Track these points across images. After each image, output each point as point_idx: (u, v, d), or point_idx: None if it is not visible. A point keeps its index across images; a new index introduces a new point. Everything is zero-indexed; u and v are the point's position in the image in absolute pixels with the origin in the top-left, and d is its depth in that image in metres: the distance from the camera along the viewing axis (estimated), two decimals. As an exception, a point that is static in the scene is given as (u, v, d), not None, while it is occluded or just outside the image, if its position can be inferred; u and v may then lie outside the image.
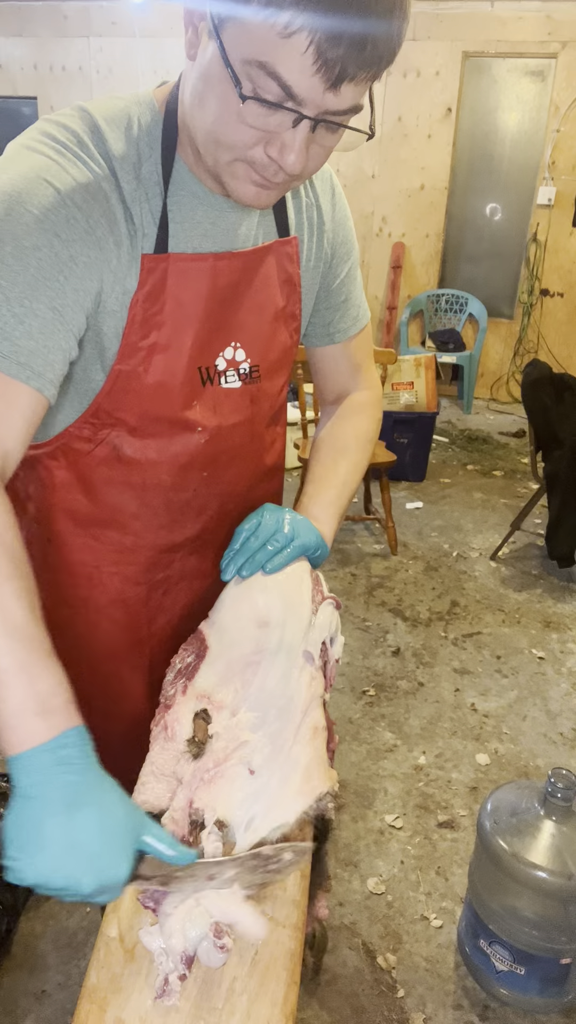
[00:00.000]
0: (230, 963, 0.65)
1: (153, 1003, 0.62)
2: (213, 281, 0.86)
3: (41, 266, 0.73)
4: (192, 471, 0.96)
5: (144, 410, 0.88)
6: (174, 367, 0.87)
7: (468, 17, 5.15)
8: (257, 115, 0.70)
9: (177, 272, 0.83)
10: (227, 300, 0.89)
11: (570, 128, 5.16)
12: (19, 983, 1.53)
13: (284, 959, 0.66)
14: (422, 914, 1.73)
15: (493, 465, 4.63)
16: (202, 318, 0.87)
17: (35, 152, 0.76)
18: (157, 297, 0.83)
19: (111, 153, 0.79)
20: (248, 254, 0.89)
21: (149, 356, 0.85)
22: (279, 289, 0.95)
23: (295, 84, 0.66)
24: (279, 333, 0.97)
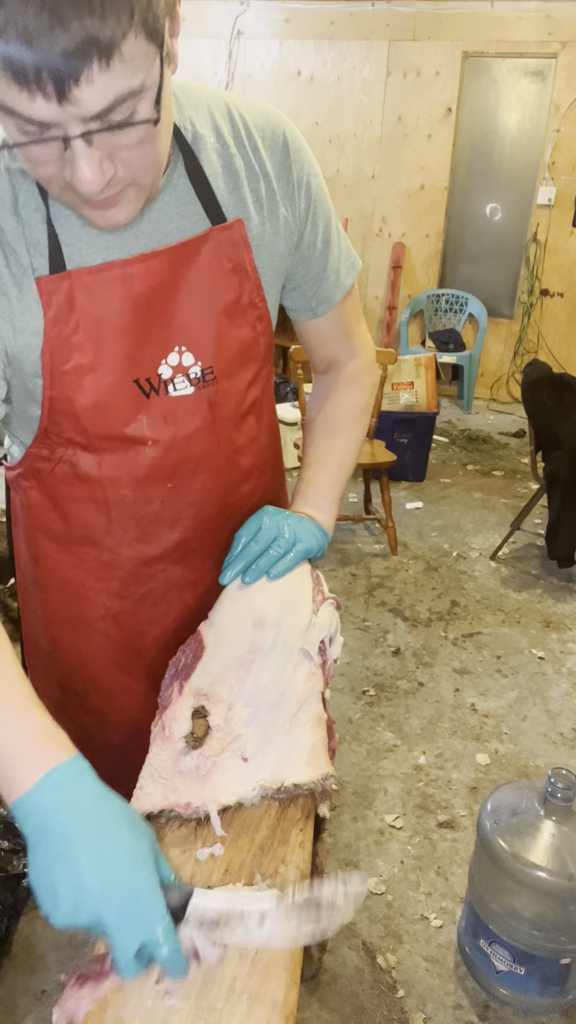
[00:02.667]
0: (230, 963, 0.65)
1: (153, 1003, 0.62)
2: (127, 289, 0.80)
3: None
4: (153, 484, 0.92)
5: (86, 430, 0.85)
6: (105, 385, 0.83)
7: (468, 17, 5.15)
8: (34, 151, 0.64)
9: (82, 287, 0.78)
10: (155, 304, 0.82)
11: (570, 128, 5.16)
12: (19, 983, 1.53)
13: (284, 959, 0.66)
14: (422, 914, 1.73)
15: (493, 465, 4.63)
16: (126, 329, 0.81)
17: None
18: (68, 318, 0.79)
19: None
20: (170, 251, 0.81)
21: (77, 379, 0.82)
22: (226, 280, 0.86)
23: (30, 112, 0.59)
24: (234, 328, 0.89)
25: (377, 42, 5.38)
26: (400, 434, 4.13)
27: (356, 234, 5.81)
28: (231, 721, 0.82)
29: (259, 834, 0.75)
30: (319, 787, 0.78)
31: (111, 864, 0.59)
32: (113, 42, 0.56)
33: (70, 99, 0.58)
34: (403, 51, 5.35)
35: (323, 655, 0.91)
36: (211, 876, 0.71)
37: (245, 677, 0.86)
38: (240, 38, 5.69)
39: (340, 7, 5.37)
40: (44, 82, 0.57)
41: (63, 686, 1.08)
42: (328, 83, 5.60)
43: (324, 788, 0.78)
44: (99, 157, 0.64)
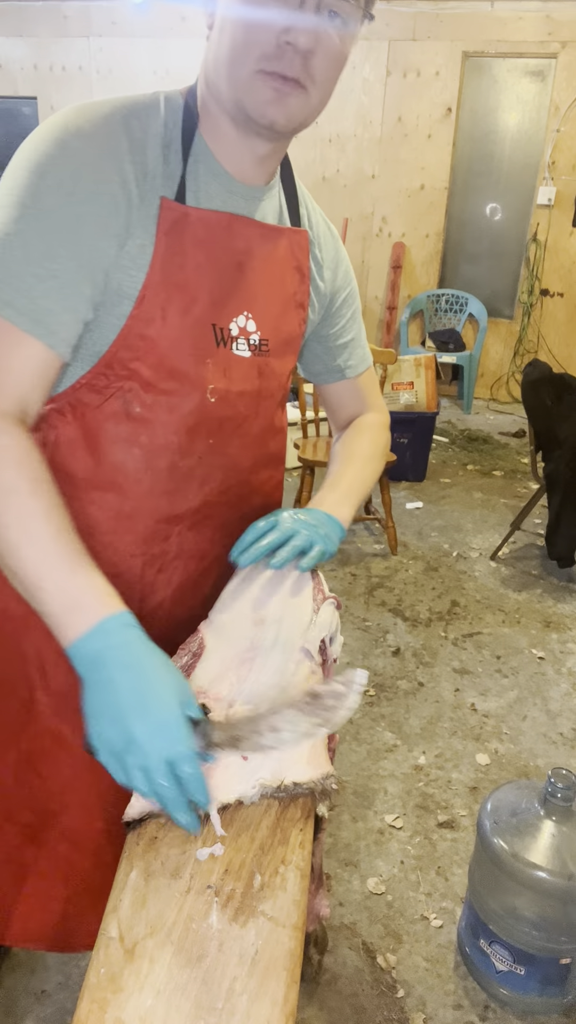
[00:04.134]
0: (230, 963, 0.65)
1: (153, 1002, 0.62)
2: (230, 239, 0.90)
3: (59, 227, 0.78)
4: (199, 435, 0.94)
5: (159, 360, 0.88)
6: (191, 318, 0.88)
7: (468, 17, 5.15)
8: (266, 3, 0.78)
9: (198, 222, 0.87)
10: (243, 265, 0.91)
11: (570, 128, 5.16)
12: (19, 983, 1.53)
13: (284, 959, 0.66)
14: (422, 914, 1.73)
15: (493, 465, 4.63)
16: (219, 275, 0.89)
17: (64, 124, 0.81)
18: (178, 247, 0.86)
19: (143, 127, 0.84)
20: (264, 226, 0.93)
21: (168, 304, 0.86)
22: (291, 274, 0.98)
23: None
24: (288, 315, 0.99)
25: (377, 42, 5.38)
26: (400, 434, 4.13)
27: (356, 234, 5.81)
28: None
29: (259, 834, 0.75)
30: (319, 786, 0.78)
31: (145, 692, 0.70)
32: None
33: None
34: (403, 51, 5.35)
35: (324, 654, 0.91)
36: (211, 876, 0.71)
37: (246, 675, 0.86)
38: (240, 38, 5.69)
39: (340, 7, 5.37)
40: None
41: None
42: (328, 83, 5.60)
43: (324, 787, 0.78)
44: (314, 37, 0.79)
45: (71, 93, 6.22)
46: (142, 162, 0.83)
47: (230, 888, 0.70)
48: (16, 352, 0.78)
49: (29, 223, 0.77)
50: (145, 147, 0.84)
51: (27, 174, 0.78)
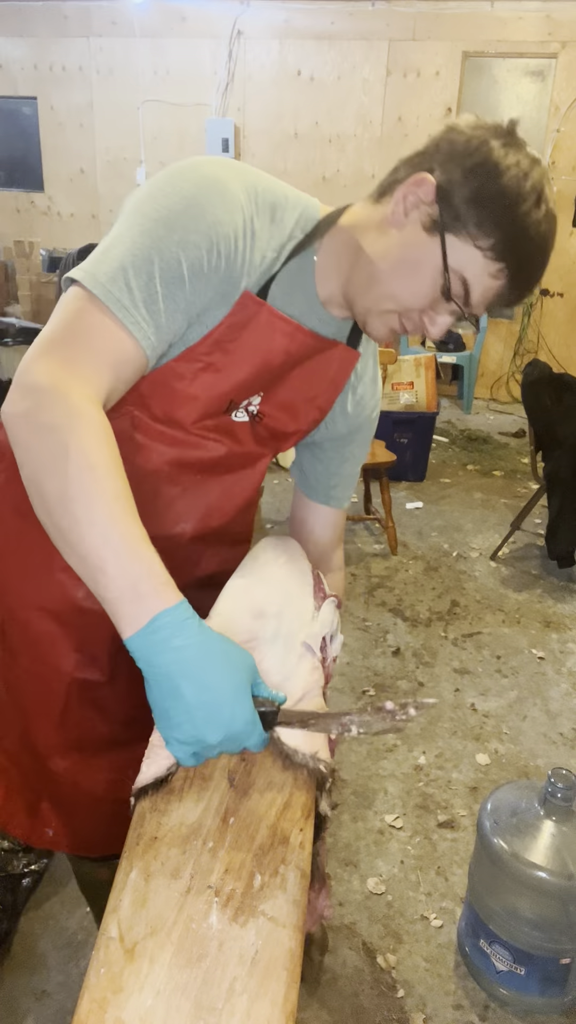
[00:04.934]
0: (230, 963, 0.65)
1: (153, 1002, 0.62)
2: (287, 345, 0.95)
3: (189, 260, 0.82)
4: (187, 471, 0.99)
5: (170, 409, 0.93)
6: (215, 390, 0.93)
7: (468, 17, 5.15)
8: (438, 299, 0.87)
9: (265, 318, 0.91)
10: (286, 364, 0.97)
11: (570, 128, 5.16)
12: (19, 983, 1.53)
13: (284, 959, 0.66)
14: (422, 914, 1.73)
15: (493, 465, 4.63)
16: (260, 366, 0.94)
17: (232, 179, 0.86)
18: (238, 331, 0.91)
19: (279, 227, 0.90)
20: (321, 340, 0.98)
21: (202, 370, 0.91)
22: (324, 380, 1.03)
23: (475, 299, 0.85)
24: (301, 409, 1.04)
25: (377, 42, 5.38)
26: (400, 434, 4.13)
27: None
28: None
29: (259, 834, 0.75)
30: (319, 765, 0.78)
31: (213, 701, 0.70)
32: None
33: (496, 312, 0.85)
34: (403, 51, 5.35)
35: (324, 652, 0.91)
36: (211, 876, 0.71)
37: None
38: (240, 38, 5.69)
39: (340, 7, 5.37)
40: (508, 302, 0.87)
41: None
42: (328, 83, 5.59)
43: (322, 770, 0.79)
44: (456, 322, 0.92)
45: (71, 93, 6.22)
46: (259, 249, 0.88)
47: (230, 888, 0.70)
48: (122, 348, 0.81)
49: (167, 243, 0.81)
50: (270, 237, 0.89)
51: (179, 197, 0.82)
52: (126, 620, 0.70)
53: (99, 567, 0.70)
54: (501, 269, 0.83)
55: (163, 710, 0.71)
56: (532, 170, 0.83)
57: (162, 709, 0.71)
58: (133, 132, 6.18)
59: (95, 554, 0.70)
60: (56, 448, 0.72)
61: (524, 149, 0.84)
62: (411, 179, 0.85)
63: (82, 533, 0.71)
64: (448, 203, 0.83)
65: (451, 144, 0.84)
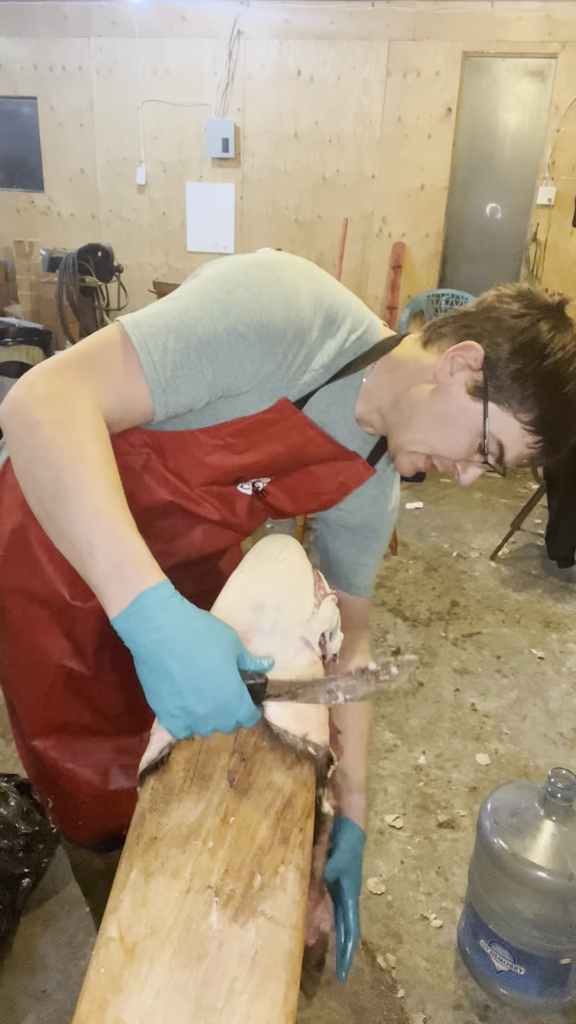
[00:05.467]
0: (230, 963, 0.65)
1: (153, 1002, 0.62)
2: (309, 448, 1.01)
3: (231, 347, 0.86)
4: (177, 511, 1.06)
5: (181, 467, 1.01)
6: (226, 467, 1.00)
7: (468, 17, 5.15)
8: (468, 456, 0.94)
9: (296, 422, 0.97)
10: (302, 461, 1.04)
11: (570, 128, 5.16)
12: (19, 983, 1.53)
13: (284, 959, 0.66)
14: (422, 914, 1.73)
15: (493, 465, 4.63)
16: (276, 458, 1.00)
17: (303, 290, 0.90)
18: (267, 426, 0.96)
19: (334, 338, 0.94)
20: (340, 449, 1.04)
21: (220, 448, 0.97)
22: (333, 484, 1.09)
23: (509, 459, 0.91)
24: (306, 497, 1.10)
25: (377, 42, 5.38)
26: (400, 434, 4.13)
27: (356, 234, 5.81)
28: None
29: (259, 834, 0.75)
30: (308, 747, 0.78)
31: (199, 677, 0.71)
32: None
33: (530, 460, 0.95)
34: (403, 51, 5.35)
35: (323, 648, 0.91)
36: (211, 876, 0.71)
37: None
38: (240, 38, 5.69)
39: (340, 7, 5.37)
40: (538, 463, 0.96)
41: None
42: (328, 83, 5.59)
43: (312, 752, 0.79)
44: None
45: (71, 93, 6.22)
46: (305, 358, 0.92)
47: (230, 888, 0.70)
48: (133, 390, 0.85)
49: (224, 332, 0.85)
50: (321, 352, 0.93)
51: (248, 302, 0.86)
52: (112, 601, 0.72)
53: (87, 551, 0.73)
54: (539, 441, 0.90)
55: (151, 686, 0.73)
56: (573, 345, 0.89)
57: (150, 685, 0.73)
58: (133, 132, 6.18)
59: (83, 539, 0.73)
60: (50, 440, 0.75)
61: (572, 330, 0.89)
62: (460, 344, 0.91)
63: (72, 519, 0.74)
64: (493, 374, 0.89)
65: (500, 317, 0.90)
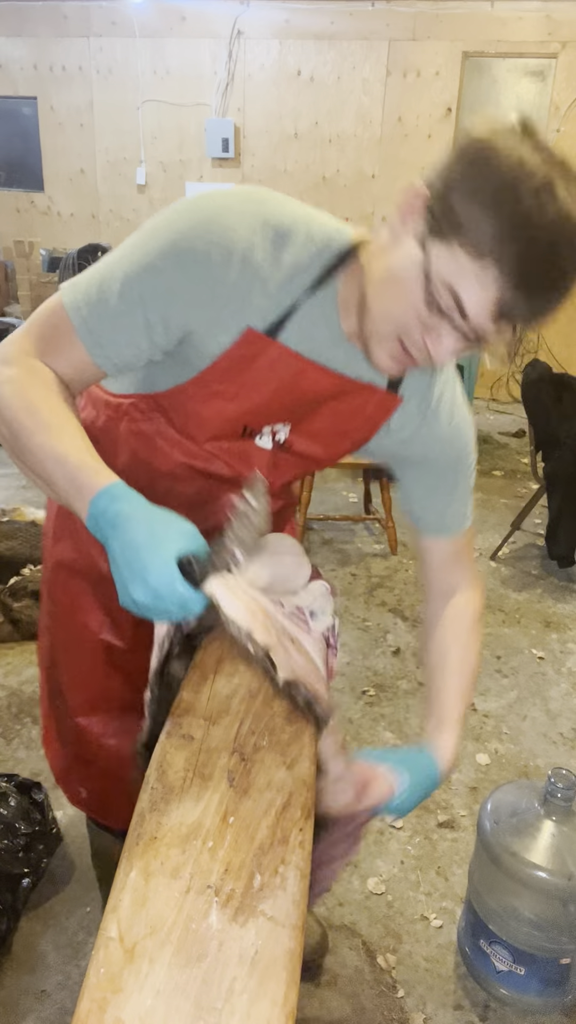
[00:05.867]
0: (230, 963, 0.65)
1: (153, 1002, 0.62)
2: (296, 381, 0.94)
3: (152, 283, 0.85)
4: (199, 478, 1.05)
5: (185, 427, 1.01)
6: (224, 416, 0.97)
7: (468, 17, 5.15)
8: (431, 315, 0.80)
9: (275, 354, 0.91)
10: (303, 401, 0.97)
11: (570, 128, 5.16)
12: (19, 983, 1.53)
13: (284, 959, 0.66)
14: (422, 914, 1.73)
15: (493, 465, 4.63)
16: (272, 398, 0.95)
17: (234, 211, 0.86)
18: (246, 365, 0.92)
19: (289, 251, 0.88)
20: (344, 381, 0.96)
21: (212, 397, 0.95)
22: (359, 421, 1.02)
23: (471, 312, 0.77)
24: (331, 443, 1.05)
25: (377, 42, 5.38)
26: (400, 434, 4.13)
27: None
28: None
29: (259, 834, 0.75)
30: (261, 652, 0.77)
31: (133, 564, 0.73)
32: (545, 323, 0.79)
33: (500, 329, 0.78)
34: (403, 51, 5.35)
35: (302, 621, 0.95)
36: (210, 876, 0.71)
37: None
38: (240, 38, 5.69)
39: (340, 7, 5.37)
40: (511, 319, 0.76)
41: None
42: (328, 83, 5.60)
43: (265, 655, 0.77)
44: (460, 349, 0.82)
45: (71, 93, 6.22)
46: (260, 285, 0.87)
47: (230, 888, 0.70)
48: (73, 350, 0.89)
49: (141, 270, 0.86)
50: (274, 270, 0.87)
51: (166, 234, 0.86)
52: (80, 513, 0.77)
53: (50, 480, 0.80)
54: (485, 268, 0.72)
55: (115, 581, 0.76)
56: (539, 162, 0.71)
57: (115, 581, 0.76)
58: (133, 132, 6.18)
59: (45, 471, 0.81)
60: (9, 398, 0.83)
61: (535, 140, 0.73)
62: (408, 188, 0.81)
63: (35, 458, 0.82)
64: (439, 205, 0.76)
65: (454, 148, 0.78)
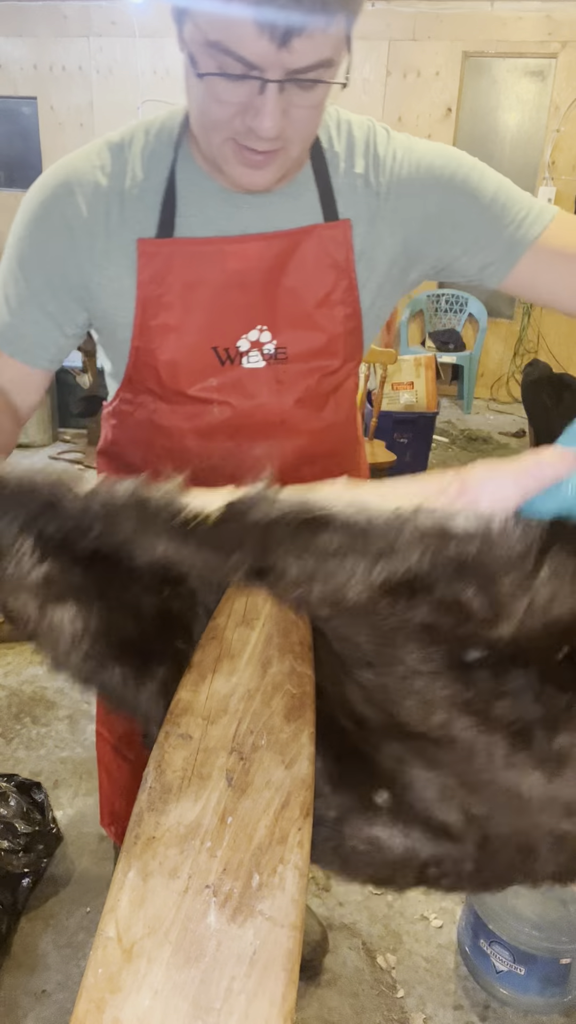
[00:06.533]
0: (228, 963, 0.64)
1: (151, 1003, 0.62)
2: (222, 264, 0.87)
3: (28, 263, 0.87)
4: (215, 440, 0.97)
5: (163, 383, 0.94)
6: (185, 346, 0.90)
7: (468, 17, 5.15)
8: (226, 89, 0.72)
9: (183, 255, 0.86)
10: (248, 284, 0.89)
11: (570, 128, 5.16)
12: (19, 983, 1.53)
13: (283, 959, 0.65)
14: (422, 914, 1.73)
15: (493, 465, 4.63)
16: (214, 300, 0.88)
17: (74, 155, 0.88)
18: (163, 279, 0.87)
19: (132, 153, 0.87)
20: (270, 238, 0.87)
21: (162, 335, 0.90)
22: (322, 274, 0.90)
23: (247, 53, 0.68)
24: (320, 319, 0.93)
25: (377, 42, 5.38)
26: (400, 434, 4.12)
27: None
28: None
29: (257, 833, 0.75)
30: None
31: None
32: (347, 12, 0.69)
33: (288, 48, 0.67)
34: (403, 51, 5.35)
35: None
36: (209, 876, 0.71)
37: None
38: (240, 38, 5.69)
39: (340, 7, 5.37)
40: (278, 27, 0.65)
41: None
42: (328, 83, 5.60)
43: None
44: (282, 107, 0.72)
45: (71, 93, 6.22)
46: (118, 198, 0.86)
47: (228, 888, 0.70)
48: (1, 364, 0.90)
49: (12, 259, 0.88)
50: (127, 177, 0.86)
51: (20, 214, 0.89)
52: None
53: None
54: (217, 5, 0.68)
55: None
56: None
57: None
58: (133, 132, 6.19)
59: None
60: None
61: None
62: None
63: None
64: (178, 18, 0.78)
65: None
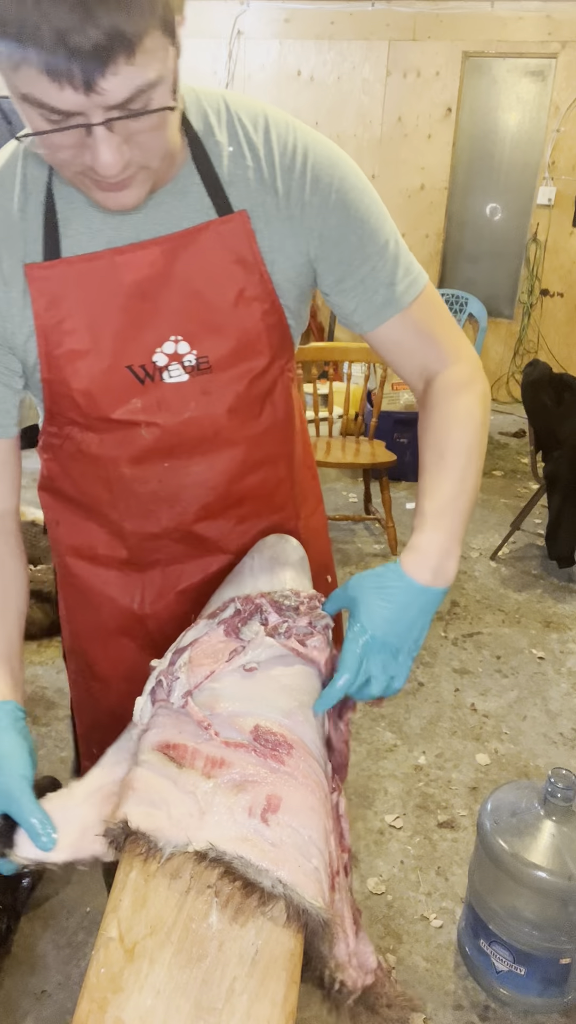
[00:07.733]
0: (230, 963, 0.65)
1: (153, 1002, 0.62)
2: (117, 277, 0.83)
3: None
4: (149, 464, 0.95)
5: (84, 412, 0.90)
6: (98, 370, 0.86)
7: (468, 17, 5.15)
8: (55, 137, 0.68)
9: (74, 275, 0.83)
10: (149, 294, 0.84)
11: (570, 128, 5.16)
12: (19, 983, 1.53)
13: (284, 959, 0.66)
14: (422, 914, 1.73)
15: (493, 465, 4.63)
16: (118, 316, 0.84)
17: None
18: (59, 304, 0.83)
19: (14, 177, 0.83)
20: (162, 241, 0.83)
21: (70, 363, 0.86)
22: (228, 272, 0.86)
23: (58, 104, 0.64)
24: (236, 319, 0.88)
25: (377, 42, 5.38)
26: (400, 434, 4.12)
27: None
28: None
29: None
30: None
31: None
32: (138, 36, 0.61)
33: (96, 90, 0.63)
34: (403, 51, 5.35)
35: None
36: (211, 877, 0.71)
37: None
38: (240, 38, 5.68)
39: (340, 7, 5.37)
40: (74, 74, 0.61)
41: (74, 651, 1.15)
42: (328, 83, 5.59)
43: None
44: (118, 142, 0.68)
45: (71, 93, 6.22)
46: (4, 227, 0.83)
47: (229, 888, 0.70)
48: None
49: None
50: (9, 211, 0.82)
51: None
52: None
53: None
54: (22, 60, 0.61)
55: None
56: None
57: None
58: (133, 132, 6.18)
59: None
60: None
61: None
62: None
63: None
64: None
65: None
